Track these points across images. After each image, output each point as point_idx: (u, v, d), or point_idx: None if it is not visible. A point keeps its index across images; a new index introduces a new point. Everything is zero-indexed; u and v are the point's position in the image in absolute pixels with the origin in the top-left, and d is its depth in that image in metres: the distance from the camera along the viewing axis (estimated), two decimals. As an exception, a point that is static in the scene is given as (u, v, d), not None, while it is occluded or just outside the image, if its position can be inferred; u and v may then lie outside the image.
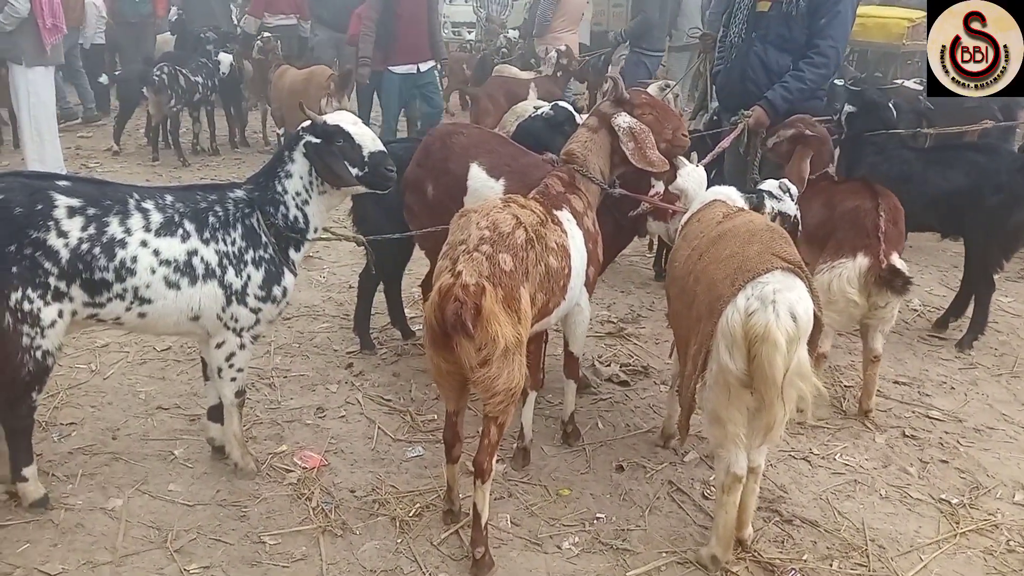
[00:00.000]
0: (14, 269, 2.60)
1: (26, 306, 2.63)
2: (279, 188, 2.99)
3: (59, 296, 2.70)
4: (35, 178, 2.84)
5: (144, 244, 2.79)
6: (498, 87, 8.01)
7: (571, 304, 3.12)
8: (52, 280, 2.67)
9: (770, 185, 3.55)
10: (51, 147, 6.95)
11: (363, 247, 3.58)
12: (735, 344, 2.46)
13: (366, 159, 2.96)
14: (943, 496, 3.30)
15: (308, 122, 2.97)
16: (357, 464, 3.36)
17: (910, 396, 4.14)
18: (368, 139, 2.98)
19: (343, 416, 3.74)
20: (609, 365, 4.32)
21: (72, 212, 2.70)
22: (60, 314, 2.71)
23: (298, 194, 3.00)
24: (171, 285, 2.84)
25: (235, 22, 11.17)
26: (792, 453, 3.56)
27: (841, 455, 3.56)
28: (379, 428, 3.63)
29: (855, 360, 4.37)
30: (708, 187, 3.47)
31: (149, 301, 2.83)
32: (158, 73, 8.11)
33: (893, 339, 4.55)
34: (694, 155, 3.97)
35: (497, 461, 3.07)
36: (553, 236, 2.85)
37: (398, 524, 2.97)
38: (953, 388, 4.24)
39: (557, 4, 9.43)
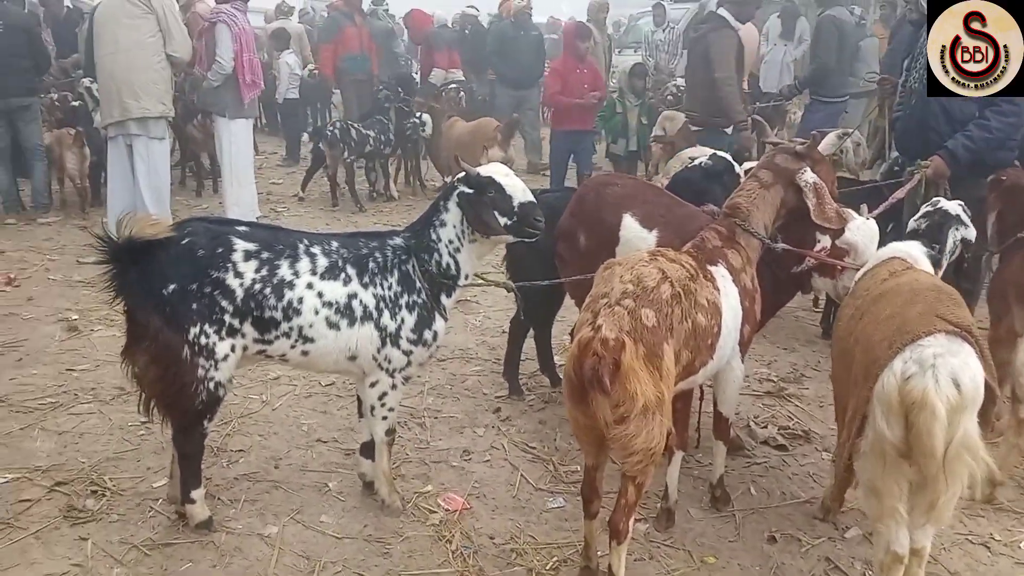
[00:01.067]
0: (194, 306, 2.85)
1: (203, 340, 2.87)
2: (433, 236, 3.12)
3: (232, 332, 2.92)
4: (217, 223, 3.13)
5: (310, 286, 2.98)
6: (693, 132, 7.91)
7: (721, 363, 3.00)
8: (227, 317, 2.90)
9: (953, 207, 3.26)
10: (247, 191, 7.63)
11: (513, 293, 3.63)
12: (891, 411, 2.30)
13: (515, 209, 3.02)
14: None
15: (463, 173, 3.08)
16: (498, 510, 3.37)
17: (1116, 482, 3.64)
18: (519, 190, 3.04)
19: (488, 460, 3.77)
20: (766, 427, 4.10)
21: (248, 255, 2.93)
22: (233, 349, 2.94)
23: (451, 242, 3.11)
24: (332, 326, 3.01)
25: (414, 77, 11.83)
26: (969, 537, 3.22)
27: (1029, 544, 3.18)
28: (522, 475, 3.63)
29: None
30: (885, 242, 3.25)
31: (312, 340, 3.01)
32: (331, 129, 8.74)
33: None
34: (864, 208, 3.75)
35: (639, 520, 2.99)
36: (704, 292, 2.76)
37: (534, 576, 2.94)
38: None
39: (729, 53, 9.25)
